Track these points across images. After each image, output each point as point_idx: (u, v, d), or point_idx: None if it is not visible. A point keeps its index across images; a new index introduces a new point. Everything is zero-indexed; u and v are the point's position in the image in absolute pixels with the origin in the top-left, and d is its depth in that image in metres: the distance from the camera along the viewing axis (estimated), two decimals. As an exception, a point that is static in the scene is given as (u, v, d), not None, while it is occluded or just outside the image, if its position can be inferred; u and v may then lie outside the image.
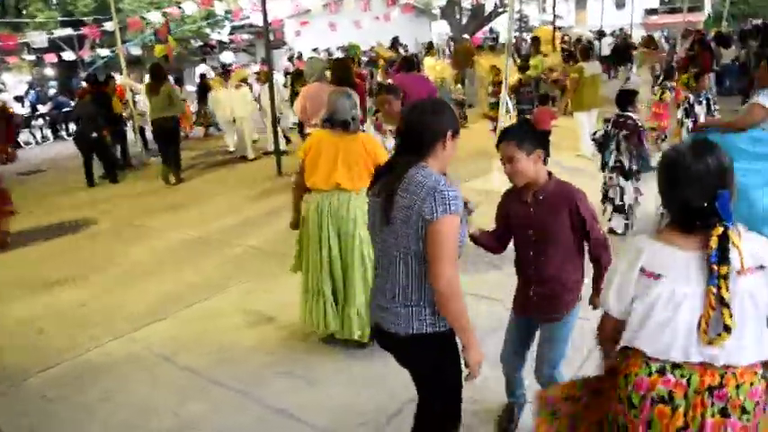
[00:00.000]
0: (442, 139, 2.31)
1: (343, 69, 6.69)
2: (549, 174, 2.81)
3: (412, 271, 2.29)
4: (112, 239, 7.18)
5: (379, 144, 4.10)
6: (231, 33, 23.36)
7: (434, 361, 2.42)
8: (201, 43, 22.48)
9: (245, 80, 10.98)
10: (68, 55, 16.40)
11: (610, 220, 6.26)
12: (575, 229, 2.75)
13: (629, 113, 6.12)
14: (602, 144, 6.26)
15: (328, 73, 7.16)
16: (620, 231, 6.14)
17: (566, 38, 19.91)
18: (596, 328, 2.22)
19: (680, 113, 9.07)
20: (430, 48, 15.57)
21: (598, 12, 33.88)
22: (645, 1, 39.96)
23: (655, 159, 7.77)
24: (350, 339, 4.10)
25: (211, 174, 10.55)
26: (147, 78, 9.90)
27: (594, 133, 6.50)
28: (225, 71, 13.82)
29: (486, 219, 3.05)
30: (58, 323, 4.96)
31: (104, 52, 17.32)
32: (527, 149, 2.69)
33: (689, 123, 8.20)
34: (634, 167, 6.06)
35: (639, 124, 6.07)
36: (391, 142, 5.23)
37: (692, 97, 8.65)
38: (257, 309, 4.95)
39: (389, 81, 9.48)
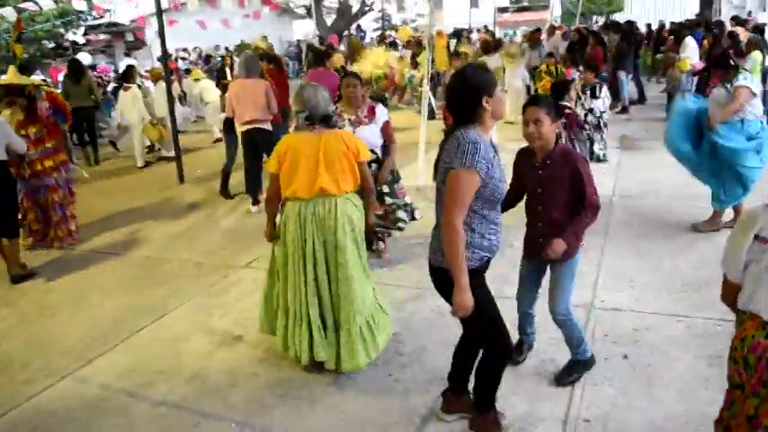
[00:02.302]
0: (480, 102, 2.58)
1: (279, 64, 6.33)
2: (556, 140, 3.22)
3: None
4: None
5: (358, 139, 3.78)
6: (86, 33, 21.37)
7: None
8: (54, 44, 20.39)
9: (132, 80, 9.97)
10: None
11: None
12: (574, 188, 3.16)
13: (565, 103, 6.31)
14: None
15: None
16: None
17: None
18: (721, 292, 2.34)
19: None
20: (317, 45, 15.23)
21: (454, 10, 35.32)
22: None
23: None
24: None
25: (104, 185, 9.43)
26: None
27: None
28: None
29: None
30: (-27, 369, 4.16)
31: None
32: (552, 117, 3.13)
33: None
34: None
35: (576, 112, 6.28)
36: (349, 129, 4.95)
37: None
38: (219, 327, 4.46)
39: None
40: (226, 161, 7.75)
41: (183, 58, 18.99)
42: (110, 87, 14.56)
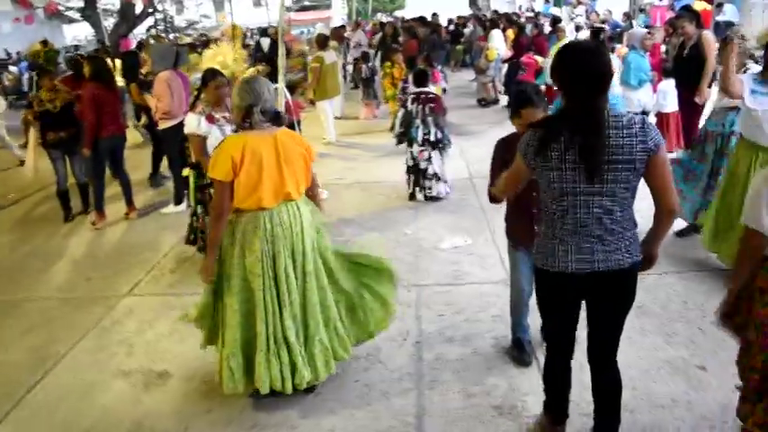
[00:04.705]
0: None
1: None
2: None
3: (627, 205, 2.40)
4: None
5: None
6: None
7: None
8: None
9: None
10: None
11: (422, 189, 6.53)
12: None
13: (428, 89, 6.47)
14: (404, 132, 6.45)
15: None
16: (443, 195, 6.53)
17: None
18: (740, 249, 2.37)
19: (398, 92, 9.93)
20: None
21: (235, 10, 34.52)
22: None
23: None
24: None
25: None
26: None
27: (392, 128, 6.82)
28: None
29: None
30: None
31: None
32: (545, 112, 3.06)
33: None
34: (439, 136, 6.40)
35: (439, 96, 6.53)
36: (228, 130, 4.57)
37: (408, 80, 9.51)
38: (133, 366, 3.86)
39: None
40: (57, 180, 6.74)
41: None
42: None
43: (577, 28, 11.99)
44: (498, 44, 11.58)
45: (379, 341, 3.90)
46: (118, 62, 11.96)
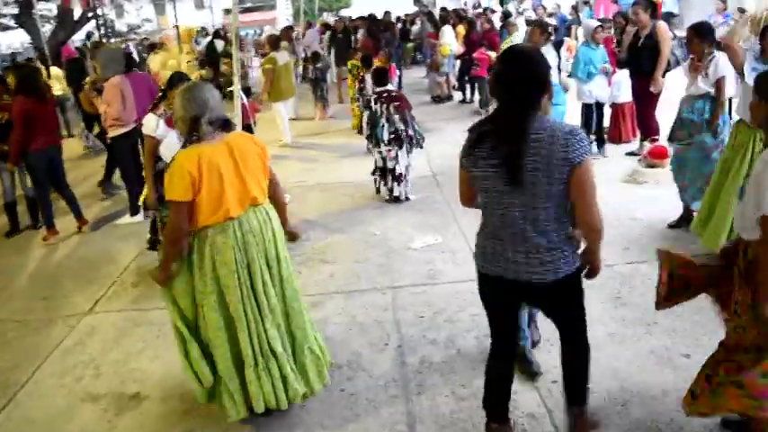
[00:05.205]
0: (546, 87, 2.31)
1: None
2: None
3: (553, 218, 2.32)
4: None
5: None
6: None
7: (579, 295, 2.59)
8: None
9: None
10: None
11: (390, 189, 6.44)
12: None
13: (388, 87, 6.40)
14: (370, 133, 6.35)
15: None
16: (404, 198, 6.43)
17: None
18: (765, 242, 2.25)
19: (356, 91, 9.83)
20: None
21: (178, 14, 33.75)
22: (222, 2, 41.29)
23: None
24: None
25: None
26: None
27: (360, 130, 6.72)
28: None
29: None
30: None
31: None
32: (550, 100, 2.80)
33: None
34: (410, 132, 6.29)
35: (402, 93, 6.49)
36: None
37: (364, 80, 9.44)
38: (102, 389, 3.65)
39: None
40: (3, 191, 6.41)
41: None
42: None
43: (528, 22, 12.13)
44: (450, 40, 11.59)
45: (360, 347, 3.82)
46: (56, 70, 11.49)
